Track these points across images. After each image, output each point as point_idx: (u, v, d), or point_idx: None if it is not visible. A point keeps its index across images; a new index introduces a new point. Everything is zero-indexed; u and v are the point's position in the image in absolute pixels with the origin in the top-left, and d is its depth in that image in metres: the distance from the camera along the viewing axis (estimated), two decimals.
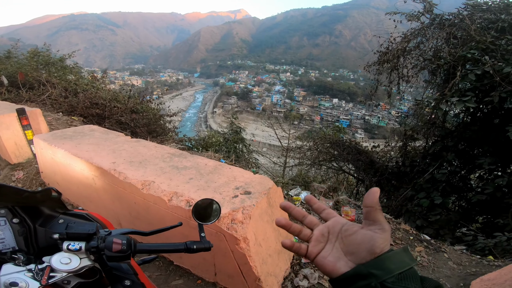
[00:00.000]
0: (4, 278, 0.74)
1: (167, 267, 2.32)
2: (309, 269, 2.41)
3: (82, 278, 0.84)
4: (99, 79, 8.40)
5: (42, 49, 8.49)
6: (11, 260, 0.84)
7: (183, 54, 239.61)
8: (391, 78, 5.02)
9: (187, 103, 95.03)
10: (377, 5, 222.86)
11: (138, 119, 6.04)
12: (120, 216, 2.39)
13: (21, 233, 1.02)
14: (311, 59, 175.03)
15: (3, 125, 3.85)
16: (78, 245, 0.84)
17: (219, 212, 1.03)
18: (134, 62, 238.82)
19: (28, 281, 0.75)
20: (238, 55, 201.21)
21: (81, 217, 1.09)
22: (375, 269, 0.41)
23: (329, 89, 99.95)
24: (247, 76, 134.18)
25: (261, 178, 2.07)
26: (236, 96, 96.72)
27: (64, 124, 5.03)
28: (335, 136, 7.25)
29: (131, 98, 6.77)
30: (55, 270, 0.80)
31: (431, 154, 4.48)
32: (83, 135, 2.93)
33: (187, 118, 69.74)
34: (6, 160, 4.09)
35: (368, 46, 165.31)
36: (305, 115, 79.27)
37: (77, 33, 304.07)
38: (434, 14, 4.70)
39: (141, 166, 2.24)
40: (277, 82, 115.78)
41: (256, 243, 1.81)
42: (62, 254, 0.83)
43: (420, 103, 4.64)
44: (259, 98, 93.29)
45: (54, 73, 7.56)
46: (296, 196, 3.38)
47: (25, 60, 7.95)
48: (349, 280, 0.44)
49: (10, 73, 6.85)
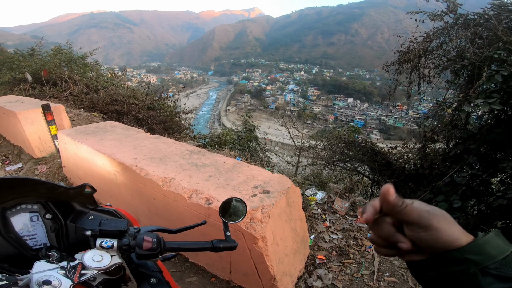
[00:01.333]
0: (36, 276, 0.74)
1: (182, 264, 2.35)
2: (323, 269, 2.39)
3: (107, 275, 0.84)
4: (118, 77, 8.61)
5: (64, 46, 8.72)
6: (45, 257, 0.83)
7: (198, 52, 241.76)
8: (411, 78, 4.90)
9: (201, 100, 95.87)
10: (395, 4, 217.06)
11: (155, 116, 6.15)
12: (139, 212, 2.44)
13: (53, 229, 1.03)
14: (325, 58, 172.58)
15: (28, 120, 4.00)
16: (111, 242, 0.84)
17: (245, 212, 1.02)
18: (150, 60, 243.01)
19: (60, 279, 0.74)
20: (252, 54, 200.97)
21: (109, 213, 1.10)
22: (473, 254, 0.38)
23: (344, 89, 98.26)
24: (260, 74, 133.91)
25: (280, 178, 2.07)
26: (249, 95, 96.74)
27: (85, 120, 5.19)
28: (350, 136, 7.15)
29: (149, 95, 6.91)
30: (86, 267, 0.80)
31: (452, 157, 4.34)
32: (105, 131, 3.01)
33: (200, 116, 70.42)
34: (29, 154, 4.24)
35: (385, 45, 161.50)
36: (319, 114, 78.44)
37: (96, 31, 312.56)
38: (458, 14, 4.56)
39: (162, 162, 2.28)
40: (290, 81, 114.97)
41: (274, 243, 1.82)
42: (94, 251, 0.83)
43: (441, 104, 4.50)
44: (273, 97, 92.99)
45: (76, 70, 7.78)
46: (312, 196, 3.36)
47: (48, 58, 8.17)
48: (436, 263, 0.40)
49: (34, 70, 7.09)
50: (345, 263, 2.50)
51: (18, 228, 0.98)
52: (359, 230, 2.98)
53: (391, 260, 2.57)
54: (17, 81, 6.97)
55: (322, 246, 2.70)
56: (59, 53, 8.22)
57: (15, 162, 4.33)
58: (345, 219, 3.17)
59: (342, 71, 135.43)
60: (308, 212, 3.13)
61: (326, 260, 2.51)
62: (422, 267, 0.43)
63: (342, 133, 8.01)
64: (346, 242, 2.77)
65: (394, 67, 5.02)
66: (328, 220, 3.11)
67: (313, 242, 2.71)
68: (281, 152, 12.93)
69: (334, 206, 3.31)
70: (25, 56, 8.59)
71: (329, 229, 2.97)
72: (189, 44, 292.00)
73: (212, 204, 1.78)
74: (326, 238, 2.82)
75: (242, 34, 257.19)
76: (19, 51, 9.17)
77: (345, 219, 3.18)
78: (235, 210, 1.05)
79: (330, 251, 2.64)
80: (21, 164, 4.23)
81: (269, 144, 12.33)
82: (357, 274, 2.37)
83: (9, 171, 4.12)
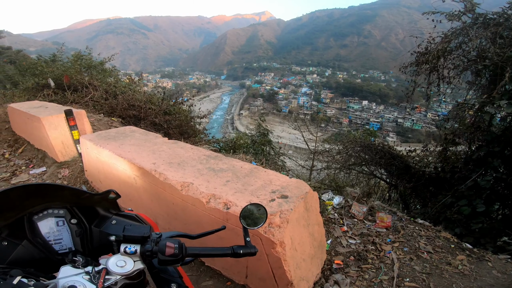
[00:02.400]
0: (62, 281, 0.74)
1: (198, 267, 2.35)
2: (340, 274, 2.35)
3: (128, 279, 0.85)
4: (136, 82, 8.83)
5: (84, 52, 9.01)
6: (71, 262, 0.84)
7: (210, 57, 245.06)
8: (430, 79, 4.78)
9: (214, 105, 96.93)
10: (408, 4, 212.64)
11: (171, 120, 6.26)
12: (158, 216, 2.48)
13: (78, 233, 1.05)
14: (338, 60, 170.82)
15: (52, 125, 4.13)
16: (134, 248, 0.84)
17: (265, 218, 1.01)
18: (164, 65, 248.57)
19: (86, 284, 0.75)
20: (264, 57, 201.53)
21: (131, 218, 1.11)
22: None
23: (358, 91, 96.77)
24: (273, 78, 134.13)
25: (298, 182, 2.06)
26: (262, 98, 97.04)
27: (105, 124, 5.35)
28: (366, 140, 7.02)
29: (164, 100, 7.05)
30: (110, 272, 0.80)
31: (475, 160, 4.20)
32: (125, 136, 3.09)
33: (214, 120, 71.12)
34: (53, 158, 4.38)
35: (400, 46, 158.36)
36: (333, 117, 77.57)
37: (113, 37, 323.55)
38: (476, 14, 4.44)
39: (180, 167, 2.32)
40: (303, 84, 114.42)
41: (292, 248, 1.80)
42: (118, 257, 0.84)
43: (462, 106, 4.37)
44: (285, 100, 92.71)
45: (96, 76, 8.03)
46: (329, 201, 3.32)
47: (69, 64, 8.42)
48: None
49: (56, 76, 7.31)
50: (363, 268, 2.45)
51: (45, 233, 1.01)
52: (377, 235, 2.92)
53: (411, 265, 2.50)
54: (40, 86, 7.23)
55: (340, 251, 2.66)
56: (79, 59, 8.50)
57: (39, 166, 4.50)
58: (363, 224, 3.11)
59: (356, 73, 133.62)
60: (325, 216, 3.09)
61: (344, 265, 2.47)
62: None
63: (358, 136, 7.89)
64: (364, 247, 2.72)
65: (411, 68, 4.93)
66: (346, 224, 3.06)
67: (330, 247, 2.68)
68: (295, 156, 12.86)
69: (351, 210, 3.25)
70: (47, 62, 8.89)
71: (347, 234, 2.92)
72: (201, 49, 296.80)
73: (230, 209, 1.79)
74: (344, 243, 2.78)
75: (253, 38, 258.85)
76: (41, 57, 9.56)
77: (363, 223, 3.12)
78: (256, 216, 1.04)
79: (347, 256, 2.60)
80: (45, 167, 4.39)
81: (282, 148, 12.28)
82: (376, 280, 2.31)
83: (33, 174, 4.28)
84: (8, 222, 0.96)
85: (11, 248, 0.93)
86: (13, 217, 0.97)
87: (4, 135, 5.34)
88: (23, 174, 4.31)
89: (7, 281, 0.69)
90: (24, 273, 0.76)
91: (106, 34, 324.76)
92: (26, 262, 0.93)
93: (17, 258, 0.92)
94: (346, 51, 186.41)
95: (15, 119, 5.19)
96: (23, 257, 0.94)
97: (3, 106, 6.10)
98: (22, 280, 0.70)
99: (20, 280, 0.70)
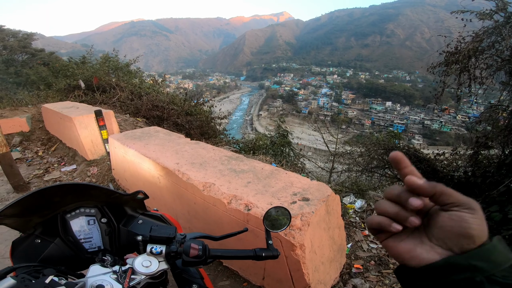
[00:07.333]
0: (91, 280, 0.76)
1: (216, 267, 2.38)
2: (359, 279, 2.30)
3: (151, 278, 0.86)
4: (159, 83, 9.10)
5: (111, 55, 9.42)
6: (100, 261, 0.87)
7: (230, 58, 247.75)
8: (460, 80, 4.56)
9: (234, 105, 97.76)
10: (433, 2, 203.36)
11: (192, 121, 6.40)
12: (179, 215, 2.55)
13: (107, 232, 1.08)
14: (360, 60, 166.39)
15: (82, 125, 4.36)
16: (160, 248, 0.85)
17: (289, 222, 1.00)
18: (185, 66, 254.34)
19: (113, 284, 0.76)
20: (283, 58, 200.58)
21: (156, 218, 1.14)
22: (479, 260, 0.34)
23: (381, 92, 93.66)
24: (292, 78, 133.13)
25: (319, 185, 2.04)
26: (281, 99, 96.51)
27: (131, 125, 5.56)
28: (390, 142, 6.80)
29: (186, 101, 7.21)
30: (136, 272, 0.82)
31: (508, 165, 3.97)
32: (150, 136, 3.20)
33: (233, 121, 71.74)
34: (83, 157, 4.62)
35: (426, 45, 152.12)
36: (354, 119, 75.82)
37: (137, 39, 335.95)
38: (508, 12, 4.21)
39: (202, 168, 2.37)
40: (323, 85, 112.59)
41: (312, 251, 1.79)
42: (144, 257, 0.85)
43: (495, 107, 4.14)
44: (305, 101, 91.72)
45: (122, 77, 8.36)
46: (350, 204, 3.26)
47: (98, 65, 8.84)
48: (437, 272, 0.36)
49: (86, 77, 7.71)
50: (384, 273, 2.38)
51: (76, 231, 1.05)
52: None
53: None
54: (71, 87, 7.65)
55: (360, 255, 2.60)
56: (107, 61, 8.89)
57: (69, 164, 4.76)
58: None
59: (379, 74, 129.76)
60: (346, 220, 3.04)
61: (363, 270, 2.41)
62: (416, 276, 0.39)
63: (381, 139, 7.64)
64: (386, 252, 2.64)
65: (440, 68, 4.72)
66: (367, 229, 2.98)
67: (350, 250, 2.62)
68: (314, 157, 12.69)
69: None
70: (78, 64, 9.38)
71: (368, 238, 2.86)
72: (221, 50, 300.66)
73: (251, 210, 1.81)
74: (364, 247, 2.71)
75: (272, 39, 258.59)
76: (72, 59, 10.08)
77: None
78: (279, 219, 1.02)
79: (368, 261, 2.54)
80: (75, 165, 4.64)
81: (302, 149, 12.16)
82: (396, 285, 2.24)
83: (64, 172, 4.53)
84: (44, 219, 1.01)
85: (44, 246, 0.98)
86: (49, 215, 1.01)
87: (38, 134, 5.69)
88: (55, 171, 4.57)
89: (40, 280, 0.71)
90: (56, 271, 0.79)
91: (131, 36, 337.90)
92: (57, 260, 0.97)
93: (49, 256, 0.97)
94: (367, 50, 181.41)
95: (49, 118, 5.51)
96: (54, 254, 0.98)
97: (38, 107, 6.50)
98: (53, 278, 0.73)
99: (52, 279, 0.73)
